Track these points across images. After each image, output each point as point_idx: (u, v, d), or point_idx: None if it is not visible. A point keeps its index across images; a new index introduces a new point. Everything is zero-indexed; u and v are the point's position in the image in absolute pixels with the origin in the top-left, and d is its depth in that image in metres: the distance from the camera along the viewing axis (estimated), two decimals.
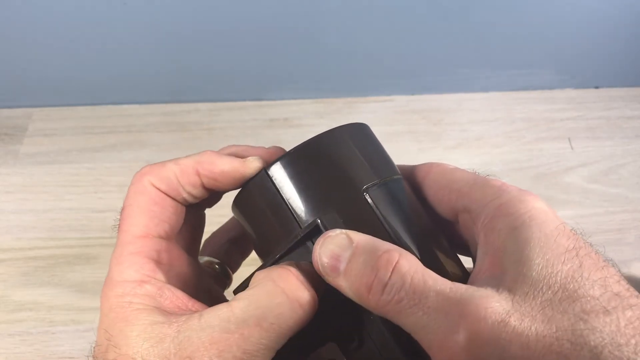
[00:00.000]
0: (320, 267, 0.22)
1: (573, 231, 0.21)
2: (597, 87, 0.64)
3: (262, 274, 0.23)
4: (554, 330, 0.18)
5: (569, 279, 0.19)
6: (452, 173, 0.26)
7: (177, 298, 0.24)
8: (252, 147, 0.27)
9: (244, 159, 0.26)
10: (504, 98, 0.63)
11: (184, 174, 0.26)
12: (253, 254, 0.32)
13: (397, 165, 0.28)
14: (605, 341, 0.18)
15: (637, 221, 0.51)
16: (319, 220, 0.23)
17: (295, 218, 0.24)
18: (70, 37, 0.54)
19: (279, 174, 0.25)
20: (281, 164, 0.25)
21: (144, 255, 0.24)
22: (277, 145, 0.28)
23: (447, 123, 0.60)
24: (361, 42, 0.58)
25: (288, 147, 0.26)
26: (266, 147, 0.27)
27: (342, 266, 0.21)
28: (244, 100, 0.61)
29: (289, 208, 0.24)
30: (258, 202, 0.26)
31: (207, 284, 0.29)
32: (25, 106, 0.59)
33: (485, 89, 0.63)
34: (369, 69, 0.61)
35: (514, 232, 0.21)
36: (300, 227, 0.24)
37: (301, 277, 0.23)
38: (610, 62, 0.62)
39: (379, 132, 0.30)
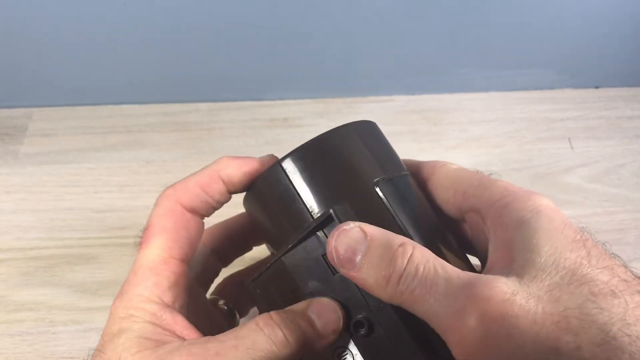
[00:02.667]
0: (335, 260, 0.22)
1: (578, 228, 0.22)
2: (597, 87, 0.64)
3: (253, 322, 0.24)
4: (562, 309, 0.19)
5: (577, 265, 0.20)
6: (457, 173, 0.27)
7: (175, 323, 0.24)
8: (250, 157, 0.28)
9: (260, 159, 0.27)
10: (504, 98, 0.63)
11: (210, 184, 0.27)
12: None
13: (402, 160, 0.29)
14: (614, 319, 0.18)
15: (637, 221, 0.51)
16: (331, 211, 0.24)
17: (307, 209, 0.25)
18: (70, 37, 0.54)
19: (292, 166, 0.25)
20: (294, 156, 0.26)
21: (161, 276, 0.25)
22: (277, 144, 0.28)
23: (447, 123, 0.60)
24: (361, 42, 0.58)
25: (288, 147, 0.26)
26: (262, 154, 0.28)
27: (358, 259, 0.22)
28: (244, 100, 0.61)
29: (300, 199, 0.25)
30: (271, 194, 0.26)
31: (217, 318, 0.31)
32: (25, 106, 0.59)
33: (485, 89, 0.63)
34: (369, 69, 0.61)
35: (521, 224, 0.22)
36: (312, 218, 0.25)
37: (281, 322, 0.23)
38: (610, 62, 0.62)
39: None
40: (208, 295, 0.33)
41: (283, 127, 0.58)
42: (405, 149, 0.57)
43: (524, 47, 0.60)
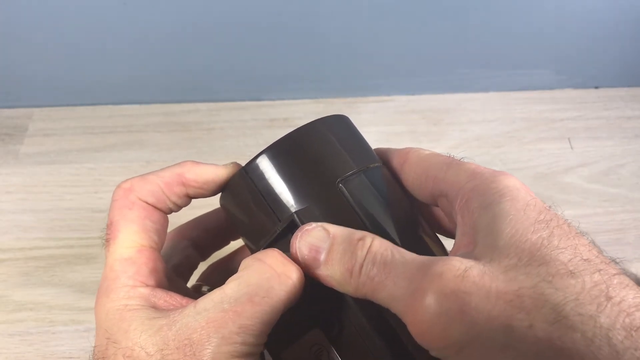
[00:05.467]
0: (300, 260, 0.23)
1: (546, 206, 0.22)
2: (597, 87, 0.64)
3: (248, 259, 0.24)
4: (516, 288, 0.19)
5: (537, 246, 0.20)
6: (428, 159, 0.27)
7: (171, 297, 0.24)
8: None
9: (224, 165, 0.27)
10: (504, 98, 0.63)
11: (169, 186, 0.27)
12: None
13: (377, 149, 0.29)
14: (568, 299, 0.18)
15: (637, 221, 0.51)
16: (294, 215, 0.24)
17: (274, 213, 0.25)
18: (70, 37, 0.54)
19: (256, 171, 0.26)
20: (257, 161, 0.26)
21: (138, 264, 0.25)
22: None
23: (447, 123, 0.60)
24: (361, 42, 0.58)
25: None
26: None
27: (322, 257, 0.22)
28: (244, 100, 0.61)
29: (267, 204, 0.25)
30: (239, 200, 0.27)
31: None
32: (26, 106, 0.59)
33: (485, 89, 0.63)
34: (369, 69, 0.61)
35: (485, 209, 0.22)
36: (280, 222, 0.25)
37: (286, 255, 0.24)
38: (610, 62, 0.62)
39: (379, 132, 0.30)
40: (193, 282, 0.33)
41: (283, 127, 0.58)
42: None
43: (524, 47, 0.60)
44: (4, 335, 0.42)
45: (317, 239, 0.23)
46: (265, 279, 0.22)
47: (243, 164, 0.28)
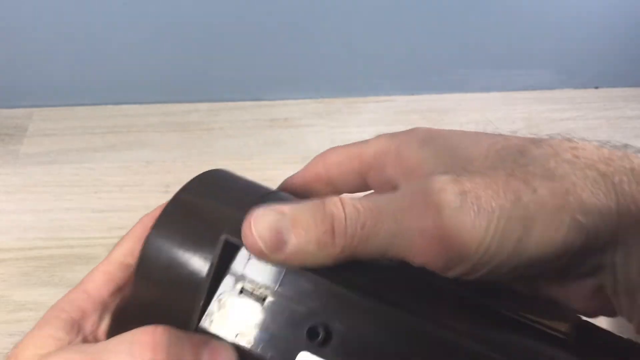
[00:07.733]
0: (263, 247, 0.20)
1: None
2: (597, 87, 0.64)
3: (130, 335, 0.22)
4: (502, 174, 0.21)
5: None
6: (328, 156, 0.26)
7: (99, 328, 0.26)
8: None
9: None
10: (504, 98, 0.63)
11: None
12: None
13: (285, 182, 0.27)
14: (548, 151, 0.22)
15: None
16: (224, 237, 0.21)
17: (202, 255, 0.22)
18: (71, 37, 0.55)
19: (166, 228, 0.24)
20: (162, 219, 0.24)
21: (108, 277, 0.27)
22: (277, 144, 0.27)
23: (447, 123, 0.60)
24: (361, 42, 0.58)
25: (288, 148, 0.26)
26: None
27: (287, 236, 0.20)
28: (244, 100, 0.61)
29: (192, 250, 0.23)
30: (157, 266, 0.25)
31: None
32: (26, 106, 0.59)
33: (485, 89, 0.63)
34: (369, 69, 0.61)
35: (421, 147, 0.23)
36: (211, 255, 0.22)
37: (160, 347, 0.20)
38: (610, 62, 0.62)
39: (379, 132, 0.29)
40: None
41: (283, 127, 0.58)
42: None
43: (524, 47, 0.60)
44: (4, 335, 0.42)
45: (274, 219, 0.20)
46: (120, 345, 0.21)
47: (243, 164, 0.27)
